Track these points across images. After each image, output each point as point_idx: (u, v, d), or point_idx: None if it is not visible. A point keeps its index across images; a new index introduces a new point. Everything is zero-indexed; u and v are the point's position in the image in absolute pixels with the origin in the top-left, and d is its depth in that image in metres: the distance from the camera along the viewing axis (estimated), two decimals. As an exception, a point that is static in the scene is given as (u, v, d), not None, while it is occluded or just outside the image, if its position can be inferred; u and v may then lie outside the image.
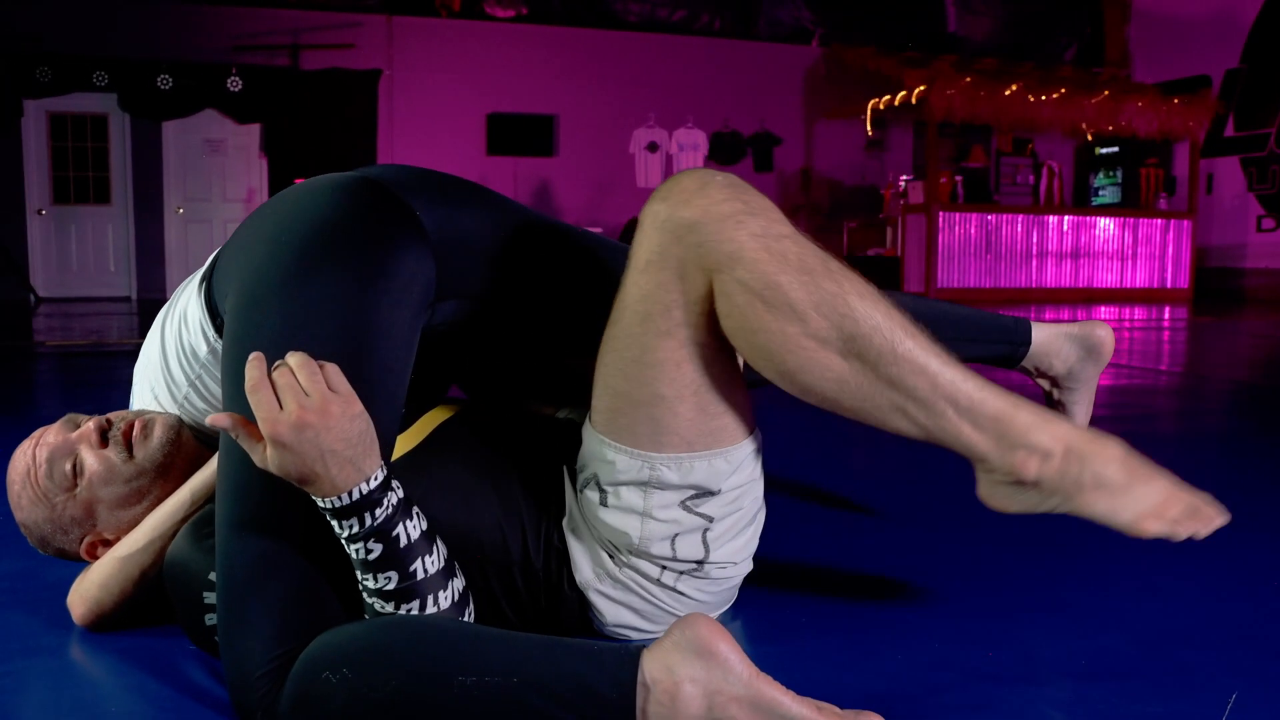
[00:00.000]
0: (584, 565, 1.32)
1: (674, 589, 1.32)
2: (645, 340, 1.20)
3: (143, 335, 6.66)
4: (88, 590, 1.36)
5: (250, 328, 1.19)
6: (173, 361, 1.40)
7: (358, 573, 1.14)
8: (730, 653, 1.06)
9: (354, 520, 1.09)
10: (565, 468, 1.37)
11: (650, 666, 1.06)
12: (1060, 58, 12.61)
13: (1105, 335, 1.57)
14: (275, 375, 1.06)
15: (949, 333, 1.40)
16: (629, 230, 10.64)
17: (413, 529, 1.13)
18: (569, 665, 1.07)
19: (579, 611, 1.34)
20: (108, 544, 1.40)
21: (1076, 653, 1.33)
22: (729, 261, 1.13)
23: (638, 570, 1.30)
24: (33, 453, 1.40)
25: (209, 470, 1.36)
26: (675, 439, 1.23)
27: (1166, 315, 8.88)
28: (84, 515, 1.39)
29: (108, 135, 10.17)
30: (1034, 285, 10.91)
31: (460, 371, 1.59)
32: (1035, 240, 10.86)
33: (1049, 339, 1.54)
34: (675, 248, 1.16)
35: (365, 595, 1.15)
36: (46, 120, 9.99)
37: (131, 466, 1.37)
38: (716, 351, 1.21)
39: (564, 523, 1.33)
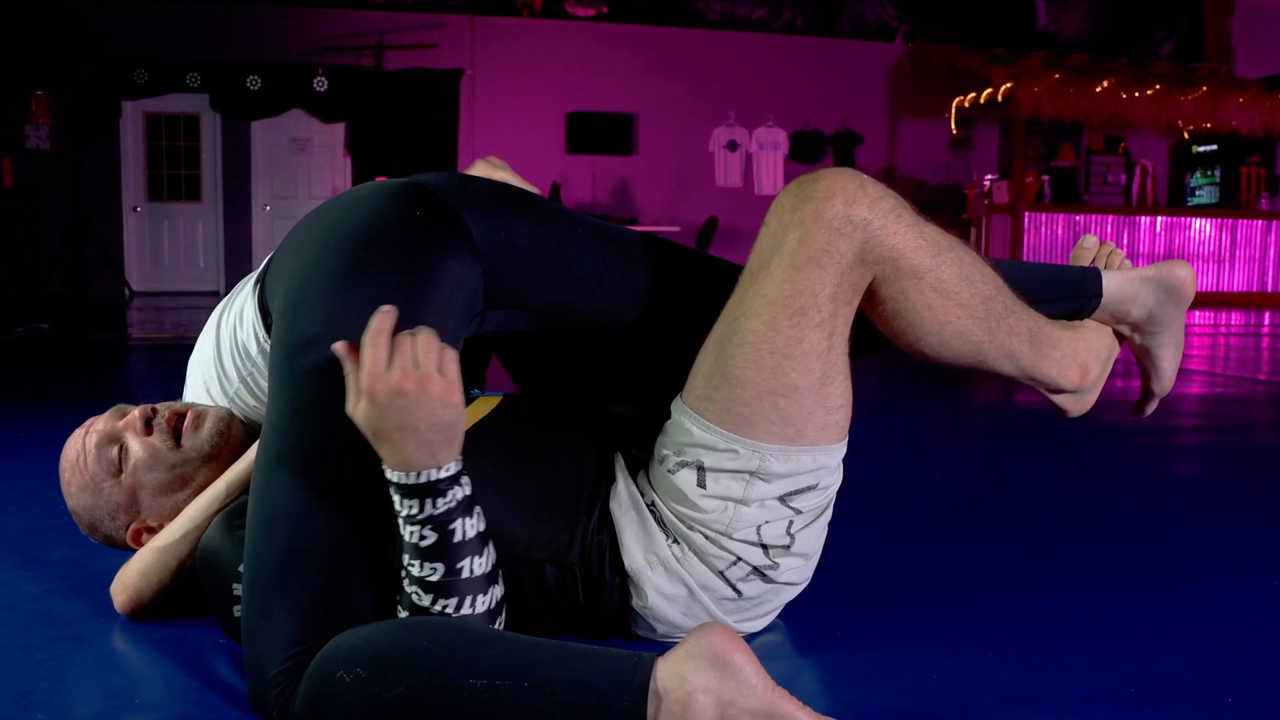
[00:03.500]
0: (635, 550, 1.31)
1: (733, 585, 1.30)
2: (795, 332, 1.22)
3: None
4: (128, 579, 1.39)
5: (293, 328, 1.20)
6: (226, 357, 1.42)
7: (405, 556, 1.14)
8: (746, 664, 1.03)
9: (415, 502, 1.10)
10: (619, 454, 1.37)
11: (663, 675, 1.03)
12: (1156, 53, 12.19)
13: (1184, 274, 1.49)
14: (397, 337, 1.08)
15: (1025, 294, 1.42)
16: (707, 230, 10.62)
17: (470, 527, 1.13)
18: (581, 671, 1.06)
19: (618, 600, 1.32)
20: (152, 531, 1.43)
21: (1125, 678, 1.27)
22: (895, 253, 1.24)
23: (703, 560, 1.29)
24: (82, 440, 1.44)
25: (245, 462, 1.38)
26: (791, 430, 1.25)
27: (1266, 320, 8.55)
28: (128, 501, 1.42)
29: (199, 135, 10.48)
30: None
31: (513, 366, 1.59)
32: (1126, 242, 10.53)
33: (1123, 285, 1.48)
34: (844, 243, 1.22)
35: (405, 582, 1.15)
36: (143, 120, 10.34)
37: (176, 454, 1.40)
38: (844, 345, 1.27)
39: (612, 506, 1.32)
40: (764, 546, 1.29)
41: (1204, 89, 10.32)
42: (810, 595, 1.44)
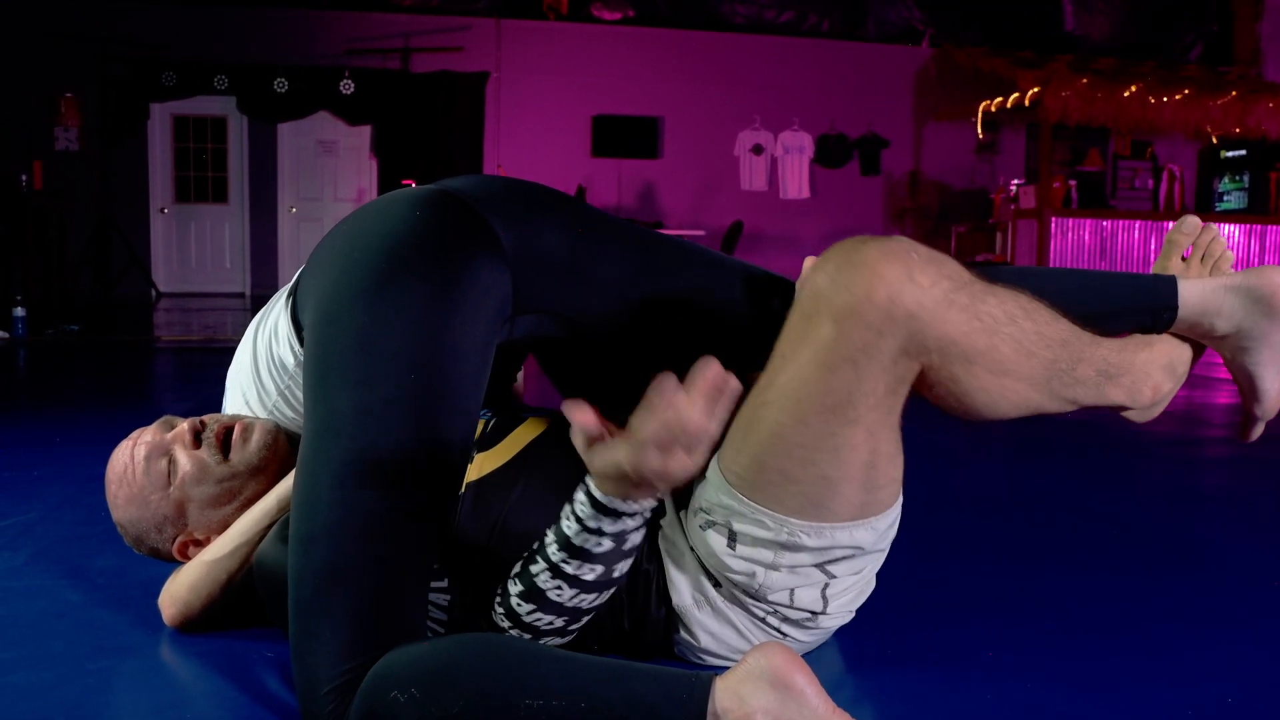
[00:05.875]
0: (683, 589, 1.30)
1: (777, 630, 1.30)
2: (825, 428, 1.14)
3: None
4: (177, 592, 1.39)
5: (324, 343, 1.20)
6: (263, 370, 1.42)
7: (557, 553, 1.16)
8: (807, 685, 1.02)
9: (610, 519, 1.13)
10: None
11: (721, 696, 1.02)
12: (1185, 57, 12.08)
13: (1277, 280, 1.33)
14: (679, 399, 1.03)
15: (1091, 310, 1.31)
16: (732, 234, 10.59)
17: (639, 536, 1.17)
18: (637, 691, 1.05)
19: (664, 634, 1.32)
20: (199, 544, 1.43)
21: (1182, 702, 1.25)
22: (944, 342, 1.12)
23: (744, 608, 1.28)
24: (130, 452, 1.44)
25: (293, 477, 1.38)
26: (826, 513, 1.20)
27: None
28: (176, 514, 1.42)
29: (226, 137, 10.54)
30: (1152, 294, 10.47)
31: (552, 371, 1.58)
32: (1154, 247, 10.42)
33: (1204, 296, 1.34)
34: (886, 342, 1.10)
35: (546, 575, 1.17)
36: (170, 122, 10.40)
37: (225, 468, 1.40)
38: (892, 429, 1.18)
39: (659, 543, 1.31)
40: (797, 609, 1.27)
41: (1233, 93, 10.21)
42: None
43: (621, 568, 1.18)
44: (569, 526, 1.15)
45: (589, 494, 1.13)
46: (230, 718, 1.18)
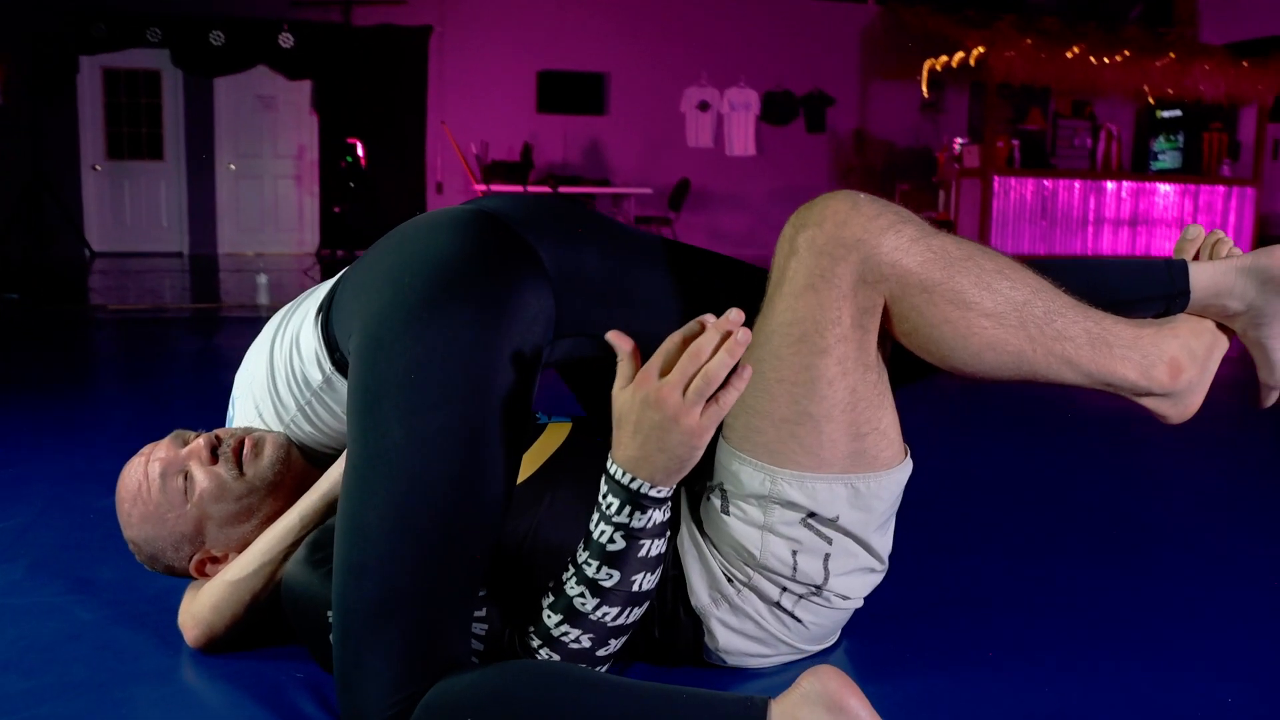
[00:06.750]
0: (700, 589, 1.33)
1: (791, 613, 1.32)
2: (798, 360, 1.22)
3: (196, 296, 6.72)
4: (200, 613, 1.37)
5: (373, 371, 1.19)
6: (281, 384, 1.40)
7: (583, 554, 1.18)
8: (861, 708, 1.05)
9: (618, 502, 1.15)
10: (681, 487, 1.37)
11: (777, 720, 1.05)
12: (1125, 17, 12.24)
13: None
14: (697, 344, 1.09)
15: (1099, 298, 1.32)
16: (679, 191, 10.56)
17: (656, 548, 1.19)
18: (692, 717, 1.06)
19: (693, 640, 1.34)
20: (216, 561, 1.41)
21: (1205, 700, 1.30)
22: (897, 270, 1.20)
23: (757, 592, 1.31)
24: (144, 469, 1.41)
25: (317, 493, 1.37)
26: (811, 458, 1.24)
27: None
28: (194, 532, 1.40)
29: (161, 92, 10.19)
30: (1090, 252, 10.70)
31: (576, 386, 1.58)
32: (1092, 206, 10.64)
33: (1215, 278, 1.36)
34: (840, 267, 1.20)
35: (572, 582, 1.18)
36: (101, 77, 10.02)
37: (242, 484, 1.38)
38: (868, 369, 1.24)
39: (677, 542, 1.34)
40: (800, 581, 1.30)
41: (1171, 55, 10.39)
42: (871, 610, 1.46)
43: (643, 580, 1.19)
44: (594, 527, 1.18)
45: (613, 481, 1.15)
46: (273, 748, 1.17)
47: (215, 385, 3.40)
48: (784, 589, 1.31)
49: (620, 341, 1.13)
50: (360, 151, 9.27)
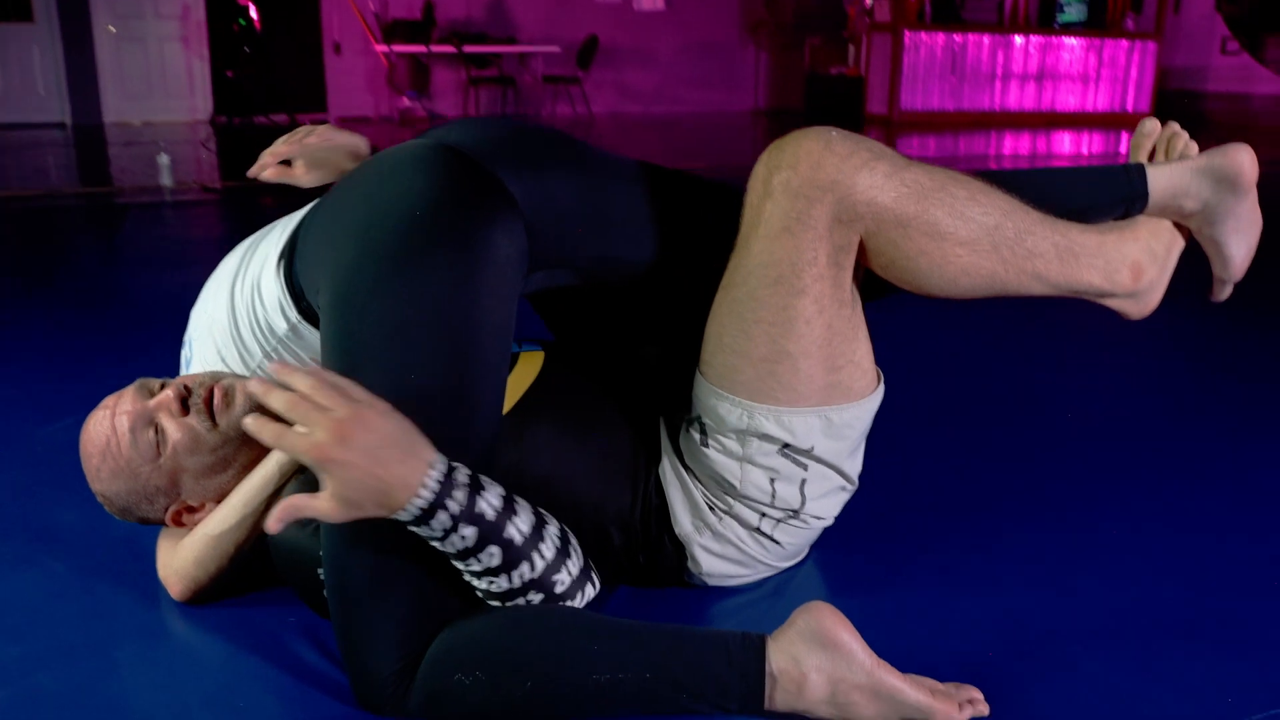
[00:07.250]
0: (683, 518, 1.37)
1: (770, 536, 1.38)
2: (776, 301, 1.23)
3: (84, 176, 6.33)
4: (183, 568, 1.37)
5: (350, 332, 1.17)
6: (245, 330, 1.37)
7: (462, 567, 1.14)
8: (853, 642, 1.12)
9: (443, 512, 1.08)
10: (662, 418, 1.40)
11: (776, 658, 1.12)
12: None
13: (1241, 160, 1.38)
14: (290, 411, 1.03)
15: (1061, 207, 1.36)
16: (588, 48, 10.26)
17: (492, 498, 1.13)
18: (698, 658, 1.13)
19: (676, 564, 1.40)
20: (192, 510, 1.39)
21: (1143, 606, 1.40)
22: (873, 208, 1.21)
23: (738, 519, 1.36)
24: (111, 423, 1.36)
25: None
26: (789, 394, 1.27)
27: (1124, 144, 8.83)
28: (169, 485, 1.37)
29: (25, -55, 9.40)
30: (998, 109, 10.81)
31: (546, 313, 1.59)
32: (1000, 62, 10.69)
33: (1172, 180, 1.39)
34: (816, 208, 1.20)
35: (479, 594, 1.18)
36: (-45, -72, 9.19)
37: (216, 435, 1.35)
38: (843, 304, 1.26)
39: (659, 472, 1.37)
40: (779, 507, 1.36)
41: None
42: (846, 527, 1.53)
43: (516, 529, 1.14)
44: (442, 548, 1.12)
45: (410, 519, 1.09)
46: (282, 701, 1.19)
47: (143, 288, 3.24)
48: (763, 515, 1.36)
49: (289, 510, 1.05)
50: (254, 14, 8.75)
